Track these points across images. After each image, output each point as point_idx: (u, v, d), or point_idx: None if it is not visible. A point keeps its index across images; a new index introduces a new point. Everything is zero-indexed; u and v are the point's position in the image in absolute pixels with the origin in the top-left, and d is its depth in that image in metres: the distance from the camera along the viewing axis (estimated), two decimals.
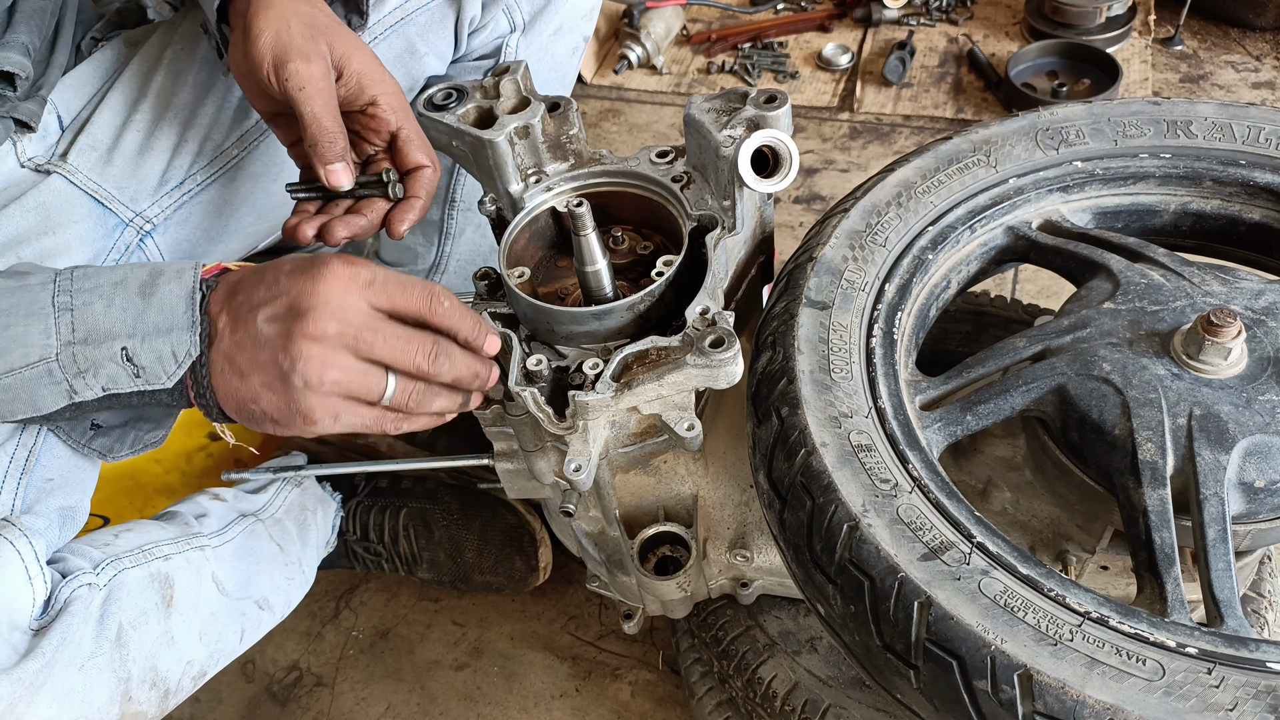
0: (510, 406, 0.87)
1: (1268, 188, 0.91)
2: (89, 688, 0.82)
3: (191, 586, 0.96)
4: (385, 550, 1.37)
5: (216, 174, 1.08)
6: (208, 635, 0.97)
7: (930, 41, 2.31)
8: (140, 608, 0.89)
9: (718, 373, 0.78)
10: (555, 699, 1.34)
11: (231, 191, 1.09)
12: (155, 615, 0.90)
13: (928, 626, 0.65)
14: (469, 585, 1.38)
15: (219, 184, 1.08)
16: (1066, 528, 0.90)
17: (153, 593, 0.91)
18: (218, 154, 1.07)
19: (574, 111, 0.96)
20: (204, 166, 1.07)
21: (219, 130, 1.07)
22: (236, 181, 1.09)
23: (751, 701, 1.07)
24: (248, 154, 1.08)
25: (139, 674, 0.87)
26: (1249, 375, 0.78)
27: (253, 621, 1.06)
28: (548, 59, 1.23)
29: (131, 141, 1.04)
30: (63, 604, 0.83)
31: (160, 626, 0.91)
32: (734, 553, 1.00)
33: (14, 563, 0.81)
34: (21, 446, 0.88)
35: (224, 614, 1.01)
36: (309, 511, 1.26)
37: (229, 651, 1.02)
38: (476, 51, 1.19)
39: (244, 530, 1.11)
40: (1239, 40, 2.22)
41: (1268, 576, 1.11)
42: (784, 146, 0.84)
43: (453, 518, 1.35)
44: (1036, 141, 0.95)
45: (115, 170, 1.03)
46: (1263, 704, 0.59)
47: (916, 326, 0.90)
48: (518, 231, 0.92)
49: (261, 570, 1.11)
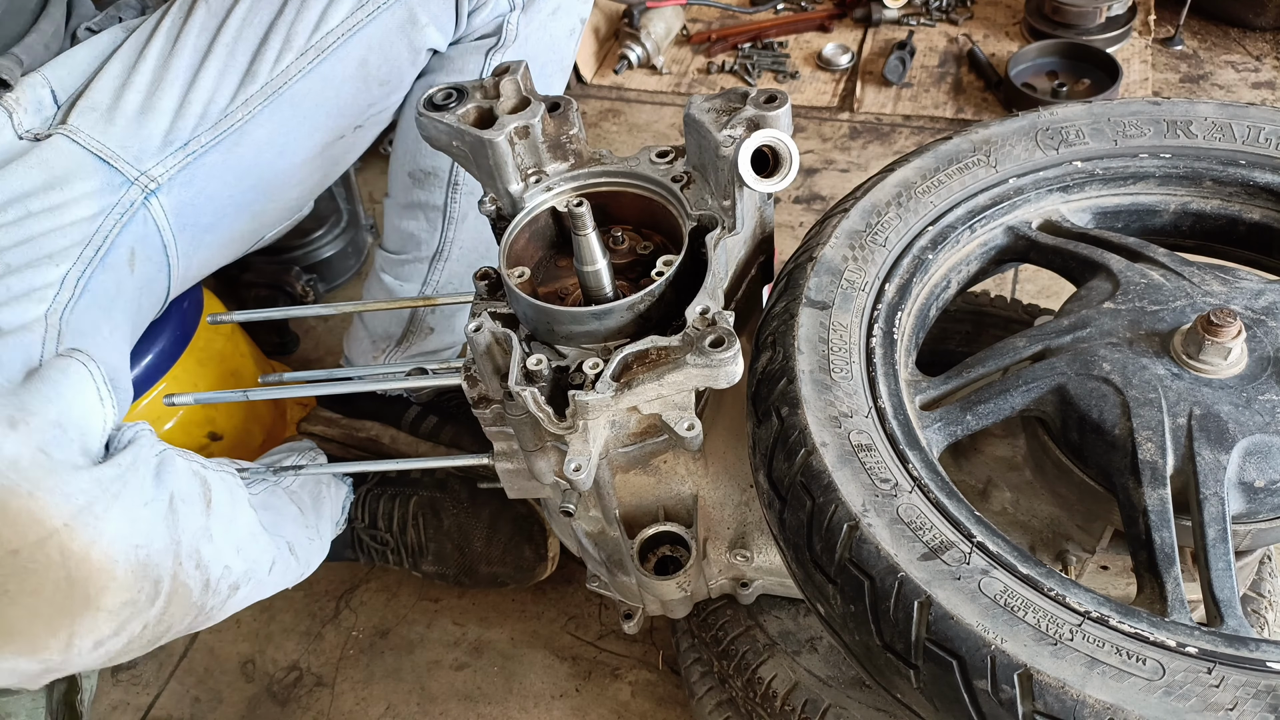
0: (510, 406, 0.87)
1: (1268, 188, 0.91)
2: (151, 526, 0.85)
3: (226, 500, 0.99)
4: (393, 539, 1.37)
5: (221, 136, 1.08)
6: (244, 551, 1.00)
7: (930, 41, 2.31)
8: (187, 490, 0.92)
9: (718, 372, 0.78)
10: (555, 699, 1.34)
11: (236, 158, 1.10)
12: (197, 506, 0.93)
13: (928, 626, 0.65)
14: (474, 578, 1.38)
15: (224, 147, 1.08)
16: (1066, 528, 0.90)
17: (195, 485, 0.94)
18: (222, 117, 1.08)
19: (574, 111, 0.96)
20: (208, 129, 1.07)
21: (223, 94, 1.08)
22: (241, 147, 1.09)
23: (751, 701, 1.07)
24: (251, 119, 1.09)
25: (187, 548, 0.89)
26: (1249, 375, 0.78)
27: (282, 560, 1.09)
28: (546, 39, 1.24)
29: (132, 102, 1.04)
30: (127, 441, 0.86)
31: (201, 520, 0.93)
32: (734, 553, 1.00)
33: (85, 380, 0.84)
34: None
35: (259, 539, 1.04)
36: (322, 485, 1.29)
37: (258, 578, 1.04)
38: (477, 31, 1.19)
39: (266, 488, 1.14)
40: (1239, 40, 2.22)
41: (1268, 576, 1.11)
42: (784, 146, 0.84)
43: (462, 505, 1.35)
44: (1036, 141, 0.95)
45: (118, 129, 1.03)
46: (1263, 704, 0.59)
47: (916, 326, 0.90)
48: (518, 231, 0.92)
49: (286, 521, 1.14)
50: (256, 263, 1.84)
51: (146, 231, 1.05)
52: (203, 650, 1.46)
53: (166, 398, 1.12)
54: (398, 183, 1.34)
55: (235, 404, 1.45)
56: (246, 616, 1.48)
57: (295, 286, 1.80)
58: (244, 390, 1.11)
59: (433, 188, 1.31)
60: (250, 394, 1.10)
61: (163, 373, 1.34)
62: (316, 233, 1.87)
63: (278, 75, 1.08)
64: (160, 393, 1.34)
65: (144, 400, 1.33)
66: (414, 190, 1.32)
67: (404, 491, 1.37)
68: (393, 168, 1.34)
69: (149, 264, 1.06)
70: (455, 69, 1.21)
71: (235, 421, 1.46)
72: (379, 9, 1.10)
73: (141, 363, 1.31)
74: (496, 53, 1.20)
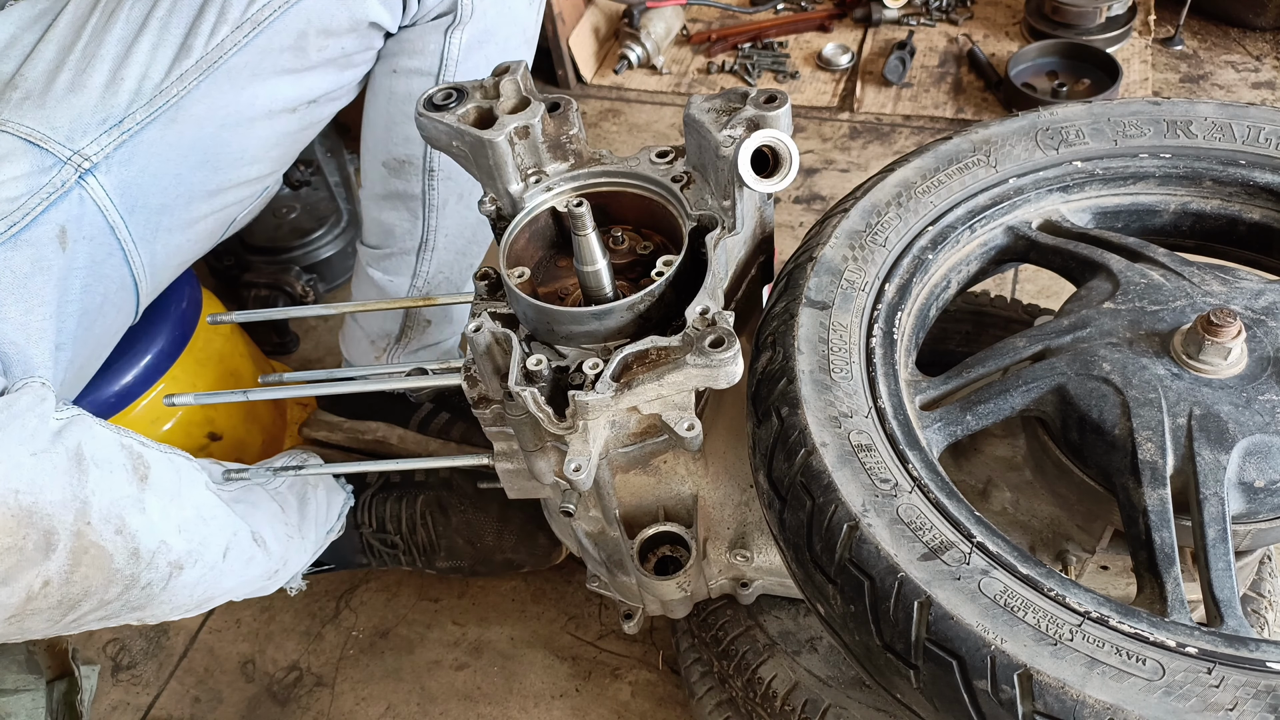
0: (510, 406, 0.87)
1: (1268, 188, 0.91)
2: (39, 475, 0.85)
3: (170, 479, 1.00)
4: (402, 541, 1.36)
5: (156, 112, 1.06)
6: (187, 531, 1.01)
7: (930, 41, 2.31)
8: (106, 458, 0.93)
9: (718, 372, 0.78)
10: (555, 699, 1.34)
11: (175, 134, 1.08)
12: (124, 476, 0.94)
13: (928, 626, 0.65)
14: (490, 568, 1.37)
15: (160, 123, 1.07)
16: (1066, 528, 0.90)
17: (122, 456, 0.95)
18: (157, 93, 1.06)
19: (574, 111, 0.96)
20: (143, 105, 1.06)
21: (156, 69, 1.06)
22: (179, 123, 1.08)
23: (751, 701, 1.07)
24: (187, 94, 1.07)
25: (100, 510, 0.90)
26: (1249, 375, 0.78)
27: (242, 546, 1.10)
28: (504, 11, 1.22)
29: (64, 81, 1.03)
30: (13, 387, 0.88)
31: (130, 490, 0.94)
32: (734, 553, 1.00)
33: None
34: None
35: (211, 523, 1.05)
36: (310, 487, 1.28)
37: (210, 561, 1.05)
38: (433, 10, 1.17)
39: (241, 486, 1.15)
40: (1239, 40, 2.22)
41: (1268, 576, 1.11)
42: (784, 146, 0.84)
43: (470, 500, 1.34)
44: (1036, 141, 0.95)
45: (47, 110, 1.02)
46: (1262, 704, 0.59)
47: (916, 326, 0.90)
48: (518, 231, 0.92)
49: (259, 514, 1.15)
50: (256, 263, 1.84)
51: (84, 211, 1.03)
52: (203, 650, 1.46)
53: (166, 398, 1.12)
54: (372, 174, 1.33)
55: (235, 404, 1.45)
56: (246, 616, 1.49)
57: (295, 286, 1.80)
58: (244, 390, 1.11)
59: (409, 176, 1.30)
60: (250, 394, 1.10)
61: (162, 373, 1.34)
62: (316, 233, 1.87)
63: (213, 49, 1.06)
64: (159, 393, 1.34)
65: (143, 400, 1.33)
66: (390, 180, 1.31)
67: (410, 493, 1.36)
68: (364, 159, 1.33)
69: (90, 244, 1.04)
70: (416, 50, 1.19)
71: (235, 422, 1.46)
72: None
73: (141, 363, 1.31)
74: (456, 30, 1.18)
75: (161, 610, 1.04)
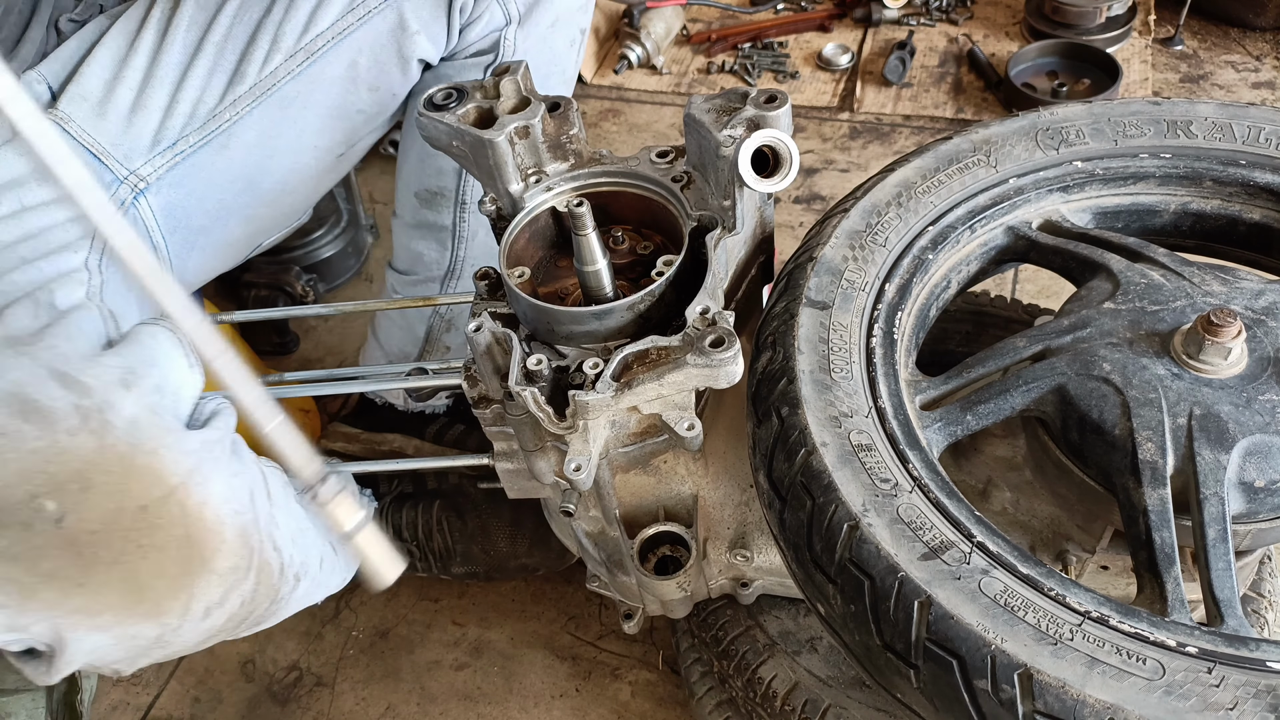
0: (510, 406, 0.87)
1: (1268, 188, 0.91)
2: (241, 496, 0.85)
3: (281, 491, 0.98)
4: (419, 549, 1.36)
5: (209, 136, 1.07)
6: (298, 542, 0.99)
7: (930, 41, 2.31)
8: (255, 475, 0.91)
9: (718, 372, 0.78)
10: (555, 699, 1.34)
11: (225, 159, 1.09)
12: (262, 490, 0.92)
13: (928, 626, 0.65)
14: (505, 573, 1.38)
15: (212, 147, 1.08)
16: (1066, 528, 0.90)
17: (258, 470, 0.93)
18: (211, 117, 1.07)
19: (574, 111, 0.96)
20: (197, 129, 1.07)
21: (211, 93, 1.07)
22: (230, 149, 1.09)
23: (751, 701, 1.07)
24: (240, 120, 1.08)
25: (265, 527, 0.89)
26: (1249, 375, 0.78)
27: (329, 556, 1.08)
28: (546, 52, 1.23)
29: (124, 99, 1.04)
30: (210, 412, 0.86)
31: (266, 504, 0.92)
32: (734, 553, 1.00)
33: (175, 346, 0.84)
34: None
35: (308, 533, 1.03)
36: None
37: (312, 573, 1.03)
38: (473, 46, 1.18)
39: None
40: (1239, 40, 2.22)
41: (1268, 576, 1.11)
42: (784, 146, 0.84)
43: (483, 503, 1.34)
44: (1036, 141, 0.95)
45: (109, 125, 1.03)
46: (1263, 703, 0.59)
47: (916, 326, 0.90)
48: (518, 231, 0.92)
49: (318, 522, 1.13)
50: (256, 263, 1.84)
51: (136, 232, 1.03)
52: (203, 650, 1.46)
53: None
54: (405, 203, 1.34)
55: None
56: None
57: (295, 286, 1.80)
58: None
59: (441, 209, 1.31)
60: None
61: None
62: (316, 233, 1.87)
63: (266, 76, 1.07)
64: None
65: None
66: (421, 211, 1.32)
67: (425, 500, 1.37)
68: (399, 187, 1.34)
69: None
70: None
71: None
72: (369, 13, 1.10)
73: None
74: None
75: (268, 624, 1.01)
